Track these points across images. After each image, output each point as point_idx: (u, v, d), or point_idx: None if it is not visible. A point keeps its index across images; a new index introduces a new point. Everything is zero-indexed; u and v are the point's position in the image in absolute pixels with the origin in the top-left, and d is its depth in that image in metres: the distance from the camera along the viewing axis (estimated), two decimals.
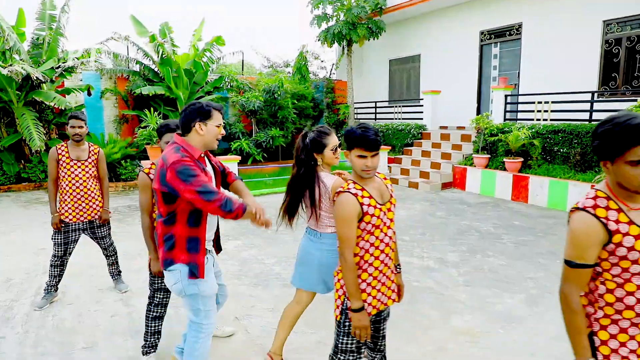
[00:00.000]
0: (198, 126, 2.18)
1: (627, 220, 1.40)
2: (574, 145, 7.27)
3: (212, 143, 2.24)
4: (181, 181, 2.01)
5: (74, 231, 3.72)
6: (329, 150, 2.40)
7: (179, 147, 2.15)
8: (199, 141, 2.20)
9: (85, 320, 3.47)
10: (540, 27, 9.67)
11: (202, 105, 2.21)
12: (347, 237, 1.95)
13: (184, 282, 2.19)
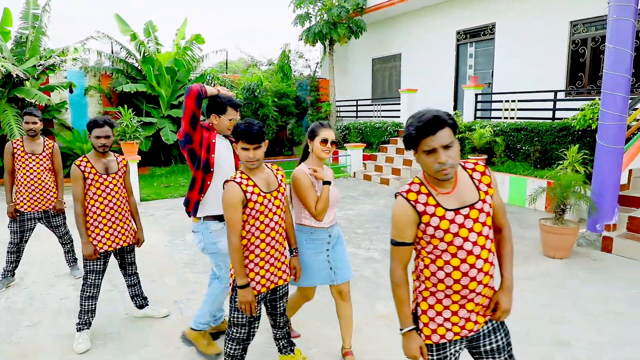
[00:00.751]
0: (213, 117, 2.81)
1: (435, 203, 1.62)
2: (534, 143, 7.50)
3: (225, 132, 2.82)
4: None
5: (29, 220, 3.98)
6: (318, 142, 2.50)
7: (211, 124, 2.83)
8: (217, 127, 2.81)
9: (35, 302, 3.73)
10: (513, 27, 9.88)
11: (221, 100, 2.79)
12: (231, 220, 2.19)
13: (206, 241, 2.73)
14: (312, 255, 2.57)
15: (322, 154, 2.51)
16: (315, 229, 2.56)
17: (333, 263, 2.61)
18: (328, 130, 2.53)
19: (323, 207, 2.45)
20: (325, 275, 2.60)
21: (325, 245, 2.58)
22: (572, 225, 4.75)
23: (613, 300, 3.73)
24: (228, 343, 2.37)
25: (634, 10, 4.70)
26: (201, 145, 2.71)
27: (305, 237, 2.57)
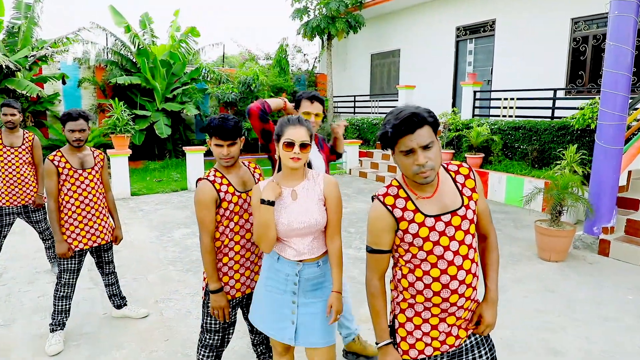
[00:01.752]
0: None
1: (414, 208, 1.49)
2: (532, 142, 7.36)
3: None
4: None
5: (7, 215, 3.85)
6: (281, 143, 1.80)
7: None
8: None
9: (12, 299, 3.61)
10: (513, 24, 9.71)
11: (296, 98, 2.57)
12: (203, 220, 2.07)
13: None
14: (271, 288, 1.91)
15: (289, 162, 1.80)
16: (280, 258, 1.90)
17: (299, 317, 1.89)
18: (297, 128, 1.79)
19: (258, 235, 1.83)
20: (283, 327, 1.89)
21: (290, 285, 1.88)
22: (568, 227, 4.63)
23: (606, 306, 3.62)
24: (200, 350, 2.25)
25: (636, 7, 4.55)
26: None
27: (269, 264, 1.95)
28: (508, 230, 5.74)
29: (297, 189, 1.87)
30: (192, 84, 11.47)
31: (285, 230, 1.83)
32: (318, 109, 2.48)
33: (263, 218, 1.79)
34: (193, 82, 11.56)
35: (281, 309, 1.90)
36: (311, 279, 1.90)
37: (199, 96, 11.31)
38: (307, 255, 1.89)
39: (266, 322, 1.95)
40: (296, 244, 1.86)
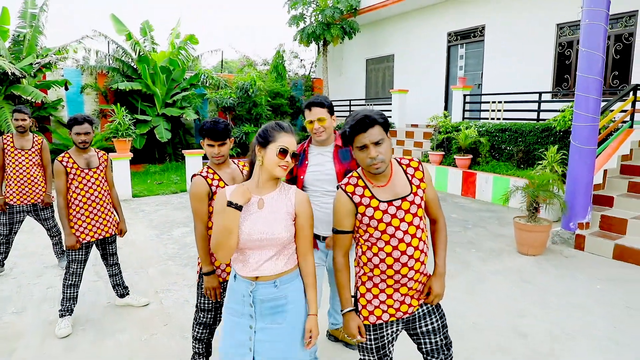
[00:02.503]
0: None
1: (370, 195, 1.77)
2: (518, 143, 7.65)
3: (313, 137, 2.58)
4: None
5: (18, 213, 4.14)
6: (274, 152, 1.70)
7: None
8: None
9: (22, 291, 3.89)
10: (502, 29, 10.03)
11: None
12: (197, 211, 2.35)
13: None
14: (231, 310, 1.80)
15: (277, 170, 1.71)
16: (237, 276, 1.79)
17: (256, 345, 1.73)
18: (289, 135, 1.74)
19: (216, 242, 1.67)
20: (240, 354, 1.74)
21: (247, 307, 1.75)
22: (545, 223, 4.90)
23: (576, 294, 3.88)
24: (196, 327, 2.53)
25: (606, 16, 4.85)
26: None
27: (229, 282, 1.84)
28: (492, 227, 6.01)
29: (265, 198, 1.76)
30: (192, 89, 11.80)
31: (244, 240, 1.70)
32: (318, 114, 2.42)
33: (226, 222, 1.64)
34: (192, 88, 11.88)
35: (239, 334, 1.75)
36: (267, 301, 1.75)
37: (198, 101, 11.63)
38: (264, 271, 1.73)
39: (225, 347, 1.78)
40: (253, 257, 1.73)
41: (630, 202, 5.24)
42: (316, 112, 2.43)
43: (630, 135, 6.00)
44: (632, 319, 3.43)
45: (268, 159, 1.71)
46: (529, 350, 2.97)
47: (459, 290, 3.96)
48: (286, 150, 1.70)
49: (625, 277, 4.25)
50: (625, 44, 8.20)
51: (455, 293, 3.89)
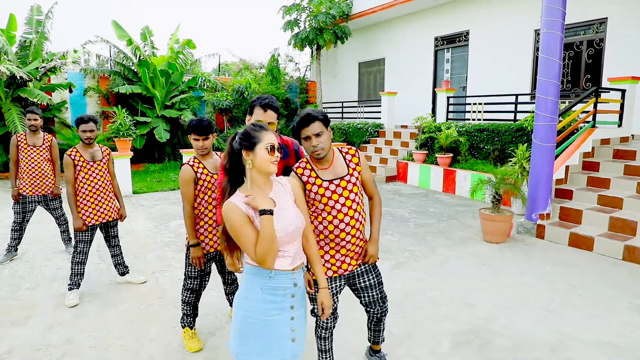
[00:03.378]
0: (247, 119, 2.50)
1: (315, 176, 2.26)
2: (495, 142, 8.14)
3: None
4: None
5: (30, 203, 4.64)
6: (263, 151, 1.75)
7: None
8: None
9: (34, 271, 4.39)
10: (484, 35, 10.53)
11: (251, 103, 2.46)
12: (184, 193, 2.85)
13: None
14: (270, 312, 1.78)
15: (271, 166, 1.78)
16: (276, 272, 1.79)
17: (298, 330, 1.84)
18: (269, 133, 1.80)
19: (265, 250, 1.69)
20: (286, 349, 1.79)
21: (288, 299, 1.82)
22: (507, 213, 5.39)
23: (526, 275, 4.37)
24: (184, 292, 3.02)
25: (561, 25, 5.35)
26: None
27: (261, 284, 1.79)
28: (465, 220, 6.50)
29: (271, 196, 1.82)
30: (189, 92, 12.31)
31: (280, 237, 1.75)
32: (272, 118, 2.44)
33: (267, 229, 1.68)
34: (190, 90, 12.40)
35: (280, 329, 1.78)
36: (302, 286, 1.90)
37: (196, 103, 12.14)
38: (299, 260, 1.87)
39: (266, 353, 1.76)
40: (289, 251, 1.82)
41: (587, 195, 5.72)
42: (270, 115, 2.42)
43: (591, 134, 6.48)
44: (569, 293, 3.91)
45: (260, 159, 1.75)
46: (471, 317, 3.45)
47: (422, 272, 4.44)
48: (274, 146, 1.77)
49: (574, 261, 4.73)
50: (596, 49, 8.69)
51: (420, 274, 4.38)
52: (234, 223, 1.71)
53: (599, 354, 2.92)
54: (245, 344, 1.77)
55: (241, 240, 1.72)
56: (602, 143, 6.69)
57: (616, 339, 3.11)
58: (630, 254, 4.66)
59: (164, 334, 3.17)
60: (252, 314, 1.76)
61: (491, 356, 2.89)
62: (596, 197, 5.62)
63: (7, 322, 3.35)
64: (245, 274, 1.83)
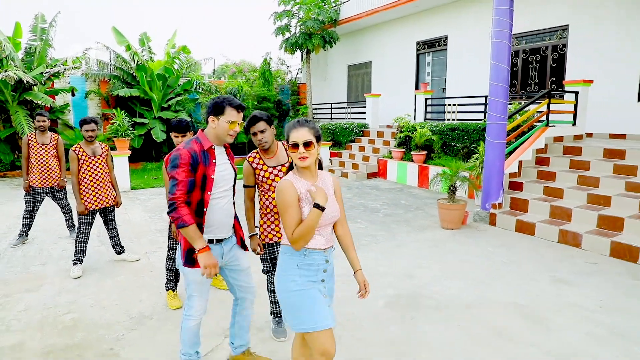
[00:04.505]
0: (211, 120, 2.36)
1: (262, 163, 2.94)
2: (464, 141, 8.81)
3: (224, 137, 2.37)
4: (169, 166, 2.32)
5: (39, 194, 5.33)
6: (290, 146, 1.99)
7: (194, 138, 2.39)
8: (212, 134, 2.37)
9: (43, 252, 5.08)
10: (461, 39, 11.20)
11: (216, 102, 2.35)
12: (167, 180, 3.52)
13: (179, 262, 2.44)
14: (306, 283, 2.04)
15: (298, 161, 2.00)
16: (309, 251, 2.04)
17: (328, 299, 2.11)
18: (299, 130, 1.99)
19: (301, 235, 1.93)
20: (327, 314, 2.03)
21: (320, 273, 2.07)
22: (461, 202, 6.06)
23: (469, 254, 5.03)
24: (168, 261, 3.70)
25: (509, 35, 6.01)
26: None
27: (297, 262, 2.04)
28: (430, 210, 7.17)
29: (318, 185, 2.07)
30: (185, 94, 13.01)
31: (322, 220, 2.00)
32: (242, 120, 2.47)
33: (312, 222, 1.92)
34: (186, 93, 13.09)
35: (319, 298, 2.03)
36: (332, 263, 2.15)
37: (191, 105, 12.84)
38: (330, 241, 2.12)
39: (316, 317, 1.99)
40: (324, 233, 2.07)
41: (535, 187, 6.39)
42: (241, 116, 2.43)
43: (544, 132, 7.15)
44: (501, 268, 4.58)
45: (290, 155, 2.03)
46: (410, 285, 4.12)
47: (379, 252, 5.11)
48: (295, 144, 1.97)
49: (515, 244, 5.40)
50: (560, 54, 9.35)
51: (376, 254, 5.05)
52: (285, 200, 1.96)
53: (501, 309, 3.60)
54: (297, 315, 2.01)
55: (285, 217, 1.96)
56: (556, 140, 7.36)
57: (521, 300, 3.78)
58: (564, 237, 5.33)
59: (152, 297, 3.86)
60: (293, 287, 2.01)
61: (414, 311, 3.57)
62: (542, 189, 6.29)
63: (23, 289, 4.03)
64: (281, 254, 2.10)
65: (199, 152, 2.31)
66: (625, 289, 4.03)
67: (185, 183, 2.25)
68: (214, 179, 2.36)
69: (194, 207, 2.33)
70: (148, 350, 2.99)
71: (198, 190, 2.31)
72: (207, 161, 2.34)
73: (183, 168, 2.25)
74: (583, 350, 2.98)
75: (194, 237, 2.23)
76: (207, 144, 2.35)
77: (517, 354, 2.93)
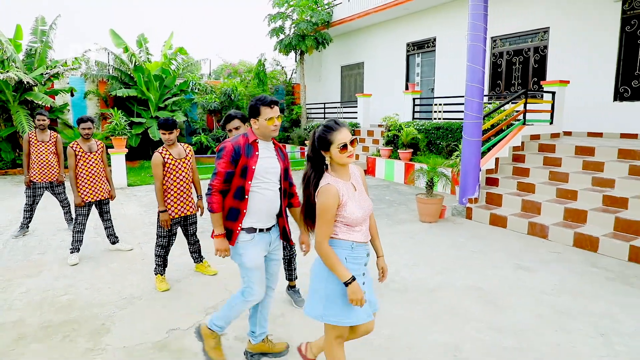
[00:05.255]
0: (253, 122, 2.55)
1: None
2: (448, 139, 9.14)
3: (268, 133, 2.53)
4: (216, 155, 2.59)
5: (39, 188, 5.67)
6: (335, 148, 2.02)
7: (244, 132, 2.62)
8: (257, 132, 2.55)
9: (43, 243, 5.43)
10: (448, 41, 11.54)
11: (251, 105, 2.54)
12: (156, 173, 3.86)
13: (232, 250, 2.59)
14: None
15: (346, 160, 2.05)
16: (356, 244, 2.10)
17: (367, 293, 2.17)
18: (341, 131, 2.04)
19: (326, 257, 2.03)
20: (366, 307, 2.14)
21: (362, 267, 2.14)
22: (438, 197, 6.40)
23: (441, 244, 5.37)
24: (156, 248, 4.04)
25: (483, 39, 6.35)
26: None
27: (345, 255, 2.09)
28: (412, 205, 7.51)
29: (352, 182, 2.13)
30: (182, 94, 13.36)
31: (363, 216, 2.08)
32: (278, 112, 2.56)
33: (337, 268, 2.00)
34: (182, 93, 13.44)
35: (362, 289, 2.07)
36: (370, 256, 2.19)
37: (187, 105, 13.19)
38: (368, 235, 2.19)
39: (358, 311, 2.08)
40: (364, 227, 2.14)
41: (510, 182, 6.73)
42: (277, 110, 2.54)
43: (521, 131, 7.48)
44: (469, 257, 4.92)
45: (335, 157, 2.04)
46: None
47: None
48: (345, 144, 2.02)
49: (486, 235, 5.74)
50: (541, 55, 9.69)
51: None
52: (329, 203, 1.99)
53: (461, 292, 3.94)
54: (331, 307, 2.07)
55: (321, 222, 2.00)
56: (532, 138, 7.69)
57: (481, 284, 4.12)
58: (533, 229, 5.66)
59: (142, 281, 4.20)
60: (337, 280, 2.04)
61: (381, 294, 3.90)
62: (516, 184, 6.63)
63: (23, 275, 4.38)
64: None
65: (243, 145, 2.51)
66: (580, 275, 4.37)
67: (223, 174, 2.49)
68: (254, 169, 2.50)
69: (234, 192, 2.52)
70: (137, 326, 3.33)
71: (238, 178, 2.51)
72: (250, 153, 2.51)
73: (224, 159, 2.48)
74: (525, 325, 3.33)
75: (216, 223, 2.51)
76: (252, 137, 2.54)
77: (464, 327, 3.27)
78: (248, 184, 2.51)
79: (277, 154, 2.65)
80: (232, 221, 2.53)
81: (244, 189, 2.50)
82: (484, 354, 2.94)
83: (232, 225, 2.53)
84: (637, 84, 8.20)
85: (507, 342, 3.09)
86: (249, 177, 2.50)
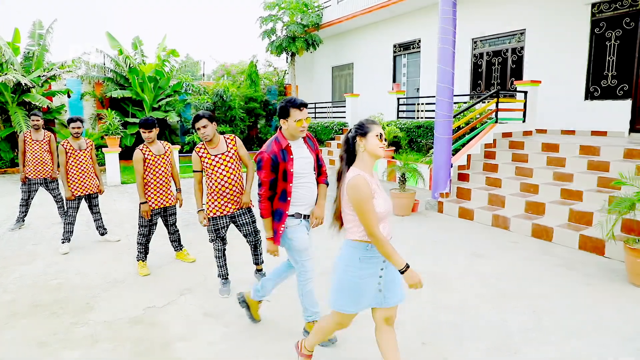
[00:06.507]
0: (282, 122, 2.73)
1: (207, 153, 3.65)
2: (428, 137, 9.52)
3: (296, 134, 2.74)
4: (257, 165, 2.86)
5: (34, 184, 6.07)
6: (373, 137, 2.15)
7: (274, 138, 2.80)
8: (286, 133, 2.76)
9: (37, 235, 5.83)
10: (432, 42, 11.90)
11: (281, 106, 2.72)
12: (137, 169, 4.25)
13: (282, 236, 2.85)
14: (365, 277, 2.21)
15: (379, 150, 2.18)
16: (372, 245, 2.17)
17: (384, 285, 2.27)
18: (376, 126, 2.21)
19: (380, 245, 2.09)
20: (372, 297, 2.28)
21: (380, 264, 2.23)
22: (410, 191, 6.78)
23: (409, 235, 5.75)
24: (138, 236, 4.43)
25: (453, 42, 6.72)
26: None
27: (360, 255, 2.20)
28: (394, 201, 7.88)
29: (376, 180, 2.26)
30: (175, 95, 13.75)
31: (386, 211, 2.16)
32: (307, 114, 2.75)
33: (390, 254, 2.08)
34: (176, 94, 13.83)
35: (370, 287, 2.23)
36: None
37: (180, 106, 13.58)
38: (390, 233, 2.23)
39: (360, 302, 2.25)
40: (386, 226, 2.20)
41: (480, 178, 7.10)
42: (306, 112, 2.71)
43: (493, 128, 7.86)
44: (430, 246, 5.30)
45: (371, 145, 2.15)
46: None
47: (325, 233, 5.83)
48: (382, 134, 2.19)
49: (453, 227, 6.11)
50: (519, 56, 10.05)
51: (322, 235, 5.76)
52: (363, 196, 2.06)
53: None
54: (341, 298, 2.25)
55: (365, 213, 2.05)
56: (504, 136, 8.06)
57: (434, 269, 4.50)
58: (496, 221, 6.04)
59: (126, 267, 4.60)
60: (350, 277, 2.20)
61: None
62: (485, 179, 7.00)
63: (18, 262, 4.78)
64: (345, 246, 2.27)
65: (278, 152, 2.71)
66: (530, 261, 4.75)
67: (267, 182, 2.74)
68: (293, 172, 2.75)
69: (279, 195, 2.79)
70: (117, 304, 3.73)
71: (281, 182, 2.76)
72: (286, 157, 2.73)
73: (265, 170, 2.72)
74: (465, 304, 3.71)
75: (267, 227, 2.84)
76: (284, 142, 2.74)
77: (412, 307, 3.63)
78: (289, 186, 2.77)
79: (308, 145, 2.88)
80: (277, 222, 2.82)
81: (286, 191, 2.77)
82: (422, 328, 3.32)
83: (276, 226, 2.83)
84: (606, 83, 8.56)
85: (445, 317, 3.47)
86: (289, 180, 2.76)
